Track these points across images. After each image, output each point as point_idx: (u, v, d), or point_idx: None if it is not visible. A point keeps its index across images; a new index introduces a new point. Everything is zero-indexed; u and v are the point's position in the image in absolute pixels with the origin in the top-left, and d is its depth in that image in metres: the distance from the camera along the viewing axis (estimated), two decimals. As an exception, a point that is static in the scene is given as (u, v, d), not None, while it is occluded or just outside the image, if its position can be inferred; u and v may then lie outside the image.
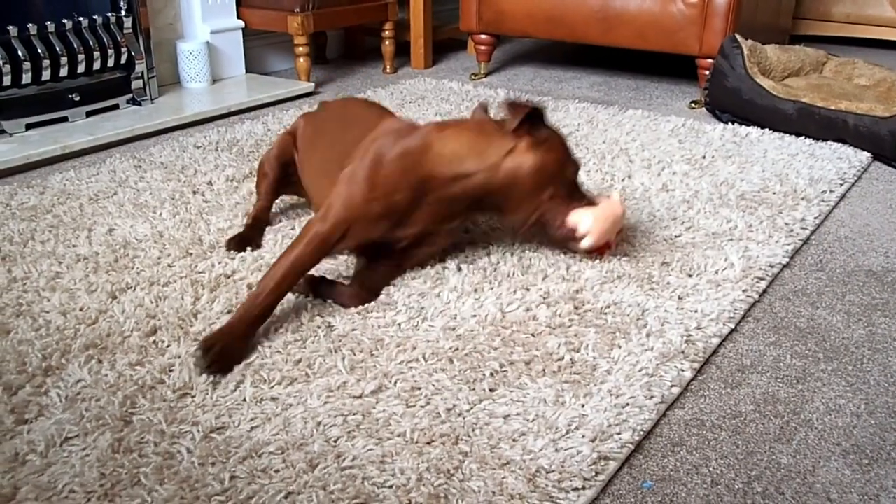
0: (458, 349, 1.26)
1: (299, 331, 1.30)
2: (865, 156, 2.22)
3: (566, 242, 1.51)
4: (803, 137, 2.35)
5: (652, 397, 1.15)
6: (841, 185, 2.02)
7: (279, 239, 1.64)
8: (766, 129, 2.42)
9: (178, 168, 2.05)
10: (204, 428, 1.07)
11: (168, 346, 1.26)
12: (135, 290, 1.43)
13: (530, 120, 1.43)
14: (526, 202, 1.46)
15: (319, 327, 1.32)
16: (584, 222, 1.46)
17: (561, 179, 1.48)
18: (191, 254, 1.57)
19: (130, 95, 2.54)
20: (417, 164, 1.41)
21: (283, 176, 1.72)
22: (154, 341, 1.27)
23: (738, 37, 2.53)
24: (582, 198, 1.50)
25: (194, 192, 1.89)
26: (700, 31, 2.73)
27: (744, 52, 2.48)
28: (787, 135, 2.38)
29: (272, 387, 1.16)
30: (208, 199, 1.85)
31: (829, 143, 2.31)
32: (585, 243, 1.47)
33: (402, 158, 1.41)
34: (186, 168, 2.05)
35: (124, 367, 1.20)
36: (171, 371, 1.19)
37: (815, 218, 1.81)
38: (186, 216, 1.75)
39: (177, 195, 1.87)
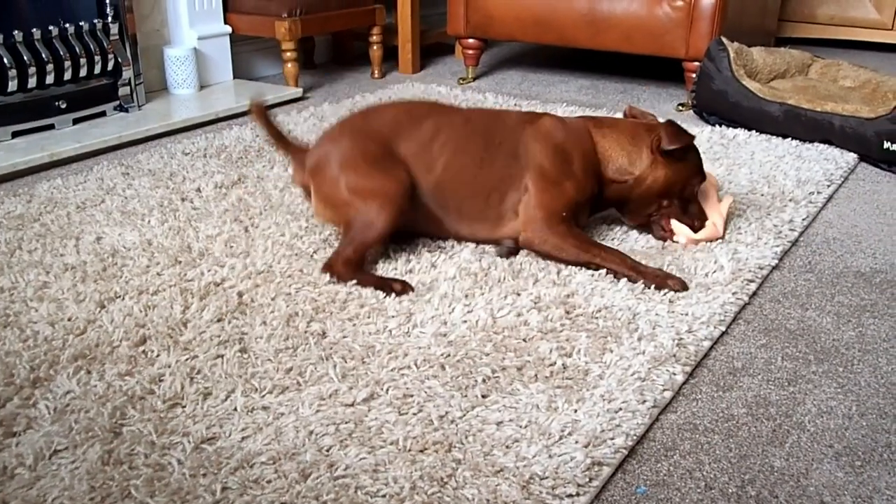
0: (449, 355, 1.26)
1: (290, 339, 1.30)
2: (852, 157, 2.24)
3: (661, 239, 1.68)
4: (790, 139, 2.36)
5: (644, 402, 1.15)
6: (828, 186, 2.03)
7: (269, 246, 1.63)
8: (753, 132, 2.43)
9: (166, 175, 2.04)
10: (195, 439, 1.06)
11: (158, 355, 1.25)
12: (123, 299, 1.42)
13: (683, 151, 1.59)
14: (645, 208, 1.65)
15: (311, 335, 1.31)
16: (681, 237, 1.65)
17: (681, 195, 1.64)
18: (180, 262, 1.56)
19: (117, 102, 2.53)
20: (594, 161, 1.60)
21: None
22: (143, 351, 1.26)
23: (724, 39, 2.54)
24: (695, 211, 1.65)
25: (183, 200, 1.88)
26: (686, 34, 2.74)
27: (730, 54, 2.49)
28: (774, 137, 2.39)
29: (263, 396, 1.16)
30: (197, 207, 1.84)
31: (815, 144, 2.32)
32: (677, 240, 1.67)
33: (583, 155, 1.58)
34: (175, 175, 2.04)
35: (113, 377, 1.19)
36: (161, 381, 1.18)
37: (803, 219, 1.81)
38: (175, 224, 1.74)
39: (165, 202, 1.86)
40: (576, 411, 1.13)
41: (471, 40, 3.18)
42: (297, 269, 1.54)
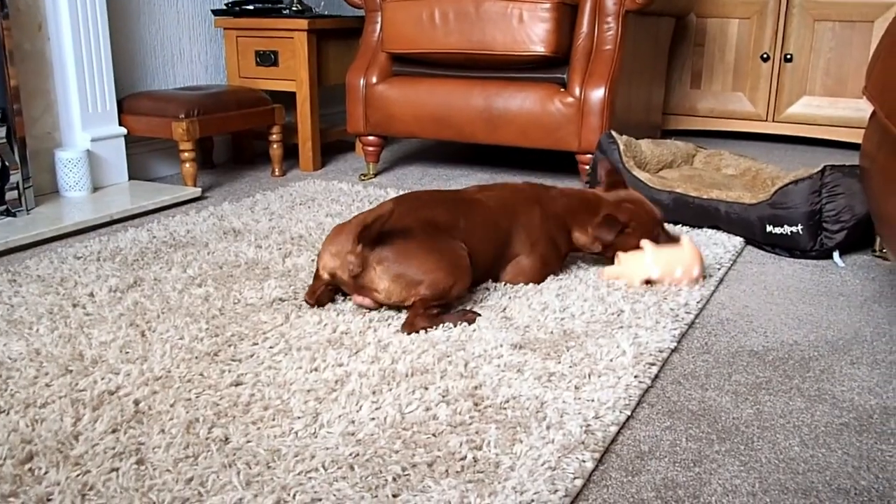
0: (358, 455, 1.23)
1: (191, 446, 1.24)
2: (738, 240, 2.35)
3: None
4: (680, 225, 2.47)
5: (556, 491, 1.15)
6: (718, 269, 2.12)
7: (167, 350, 1.57)
8: (646, 219, 2.53)
9: (56, 280, 1.96)
10: (86, 561, 0.99)
11: (46, 472, 1.17)
12: (8, 413, 1.33)
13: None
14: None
15: (212, 441, 1.26)
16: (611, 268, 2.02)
17: (635, 246, 1.99)
18: (70, 371, 1.49)
19: (4, 207, 2.44)
20: (570, 241, 2.03)
21: None
22: (30, 469, 1.18)
23: (613, 133, 2.67)
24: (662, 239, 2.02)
25: (74, 305, 1.80)
26: (578, 129, 2.87)
27: (619, 146, 2.61)
28: (666, 223, 2.49)
29: (162, 509, 1.10)
30: (90, 312, 1.77)
31: (704, 230, 2.43)
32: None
33: (566, 244, 2.03)
34: (66, 280, 1.96)
35: (-4, 499, 1.11)
36: (49, 500, 1.11)
37: (698, 302, 1.88)
38: (66, 331, 1.66)
39: (55, 309, 1.78)
40: (488, 506, 1.11)
41: (371, 137, 3.24)
42: (198, 372, 1.49)
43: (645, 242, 1.97)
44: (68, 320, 1.72)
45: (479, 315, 1.76)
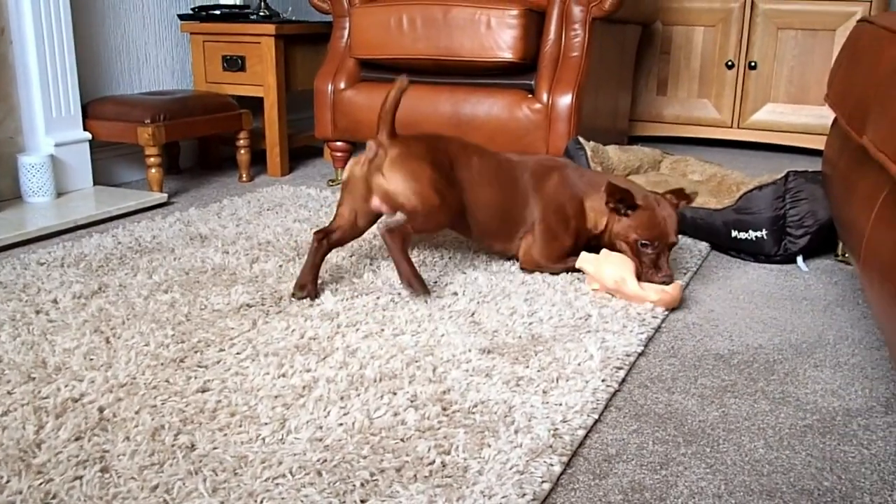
0: (326, 461, 1.22)
1: (156, 454, 1.23)
2: (704, 245, 2.38)
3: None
4: (647, 231, 2.49)
5: (524, 495, 1.15)
6: (685, 273, 2.14)
7: (132, 356, 1.55)
8: (613, 224, 2.55)
9: (18, 287, 1.93)
10: (48, 571, 0.98)
11: (7, 482, 1.15)
12: (-32, 422, 1.31)
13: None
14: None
15: (178, 448, 1.25)
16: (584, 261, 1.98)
17: (637, 246, 1.97)
18: (33, 378, 1.47)
19: (-35, 212, 2.40)
20: (582, 219, 2.08)
21: None
22: (-10, 478, 1.16)
23: (580, 139, 2.69)
24: (658, 264, 1.95)
25: (37, 312, 1.77)
26: (546, 135, 2.88)
27: (587, 152, 2.63)
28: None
29: (126, 518, 1.08)
30: (53, 319, 1.74)
31: (670, 235, 2.45)
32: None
33: (575, 216, 2.06)
34: (28, 286, 1.93)
35: (-45, 509, 1.09)
36: (10, 510, 1.09)
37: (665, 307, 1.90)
38: (28, 338, 1.64)
39: (17, 316, 1.75)
40: (457, 510, 1.11)
41: (339, 143, 3.23)
42: (163, 379, 1.47)
43: (627, 270, 1.90)
44: (31, 327, 1.69)
45: (429, 294, 1.89)
